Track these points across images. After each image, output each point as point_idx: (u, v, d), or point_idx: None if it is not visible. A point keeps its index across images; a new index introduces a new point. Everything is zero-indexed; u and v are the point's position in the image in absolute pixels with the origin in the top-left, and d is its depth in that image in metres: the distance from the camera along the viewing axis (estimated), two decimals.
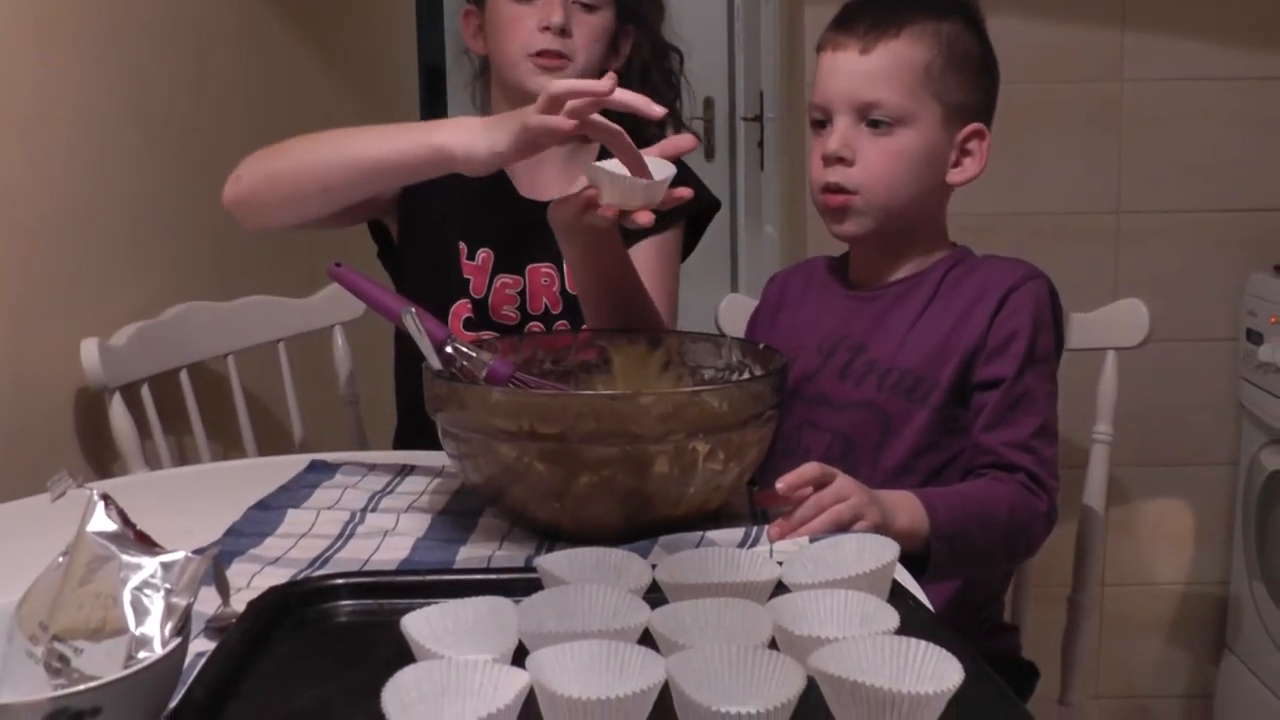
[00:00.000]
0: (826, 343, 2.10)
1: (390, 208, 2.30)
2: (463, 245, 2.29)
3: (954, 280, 2.06)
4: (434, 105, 5.26)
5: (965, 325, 2.00)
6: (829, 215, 2.08)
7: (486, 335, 2.22)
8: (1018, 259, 2.08)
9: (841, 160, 2.03)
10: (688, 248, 2.45)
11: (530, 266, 2.30)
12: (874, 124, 2.01)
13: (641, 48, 2.39)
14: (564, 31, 2.25)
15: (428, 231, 2.30)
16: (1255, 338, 3.12)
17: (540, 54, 2.25)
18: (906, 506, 1.79)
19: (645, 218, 1.81)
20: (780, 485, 1.69)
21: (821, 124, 2.07)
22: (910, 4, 2.05)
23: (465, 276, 2.28)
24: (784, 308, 2.24)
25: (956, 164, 2.07)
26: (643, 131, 2.37)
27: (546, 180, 2.34)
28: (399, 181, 2.12)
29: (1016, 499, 1.89)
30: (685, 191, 1.84)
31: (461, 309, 2.26)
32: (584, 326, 2.10)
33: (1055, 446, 1.97)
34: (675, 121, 2.42)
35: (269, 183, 2.03)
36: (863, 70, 2.01)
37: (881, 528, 1.67)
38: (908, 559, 1.66)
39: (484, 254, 2.28)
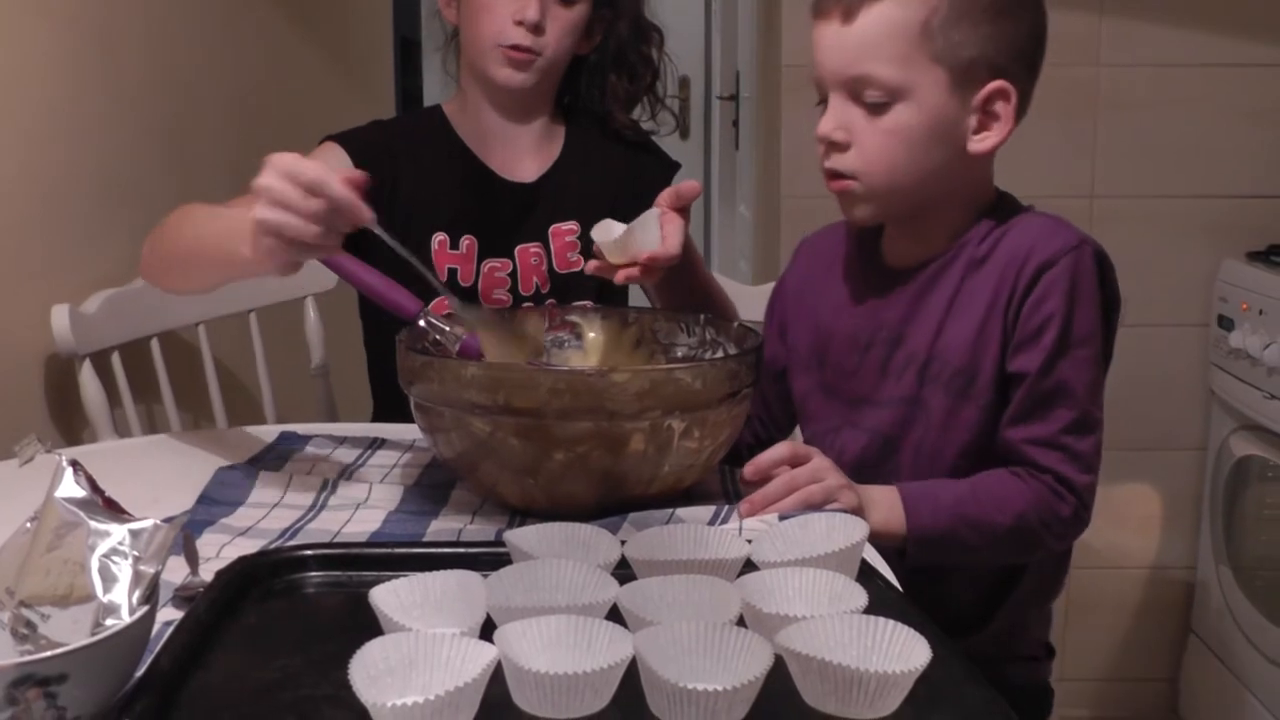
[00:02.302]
0: (862, 334, 1.93)
1: None
2: (443, 237, 2.24)
3: (986, 251, 1.86)
4: (408, 76, 5.25)
5: (998, 307, 1.82)
6: (838, 199, 1.89)
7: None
8: (1056, 221, 1.87)
9: (836, 144, 1.82)
10: None
11: (519, 247, 2.28)
12: (869, 102, 1.79)
13: (619, 30, 2.34)
14: (537, 28, 2.19)
15: (396, 229, 2.21)
16: (1226, 324, 3.13)
17: (511, 47, 2.20)
18: (885, 503, 1.75)
19: (622, 275, 1.88)
20: (747, 469, 1.68)
21: (824, 102, 1.86)
22: None
23: (450, 268, 2.24)
24: (813, 282, 2.07)
25: (979, 130, 1.82)
26: (609, 121, 2.36)
27: (521, 160, 2.33)
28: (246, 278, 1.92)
29: (1032, 502, 1.79)
30: (665, 251, 1.87)
31: (439, 307, 2.23)
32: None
33: (1093, 437, 1.83)
34: (653, 101, 2.41)
35: (163, 272, 1.98)
36: (847, 42, 1.78)
37: (855, 514, 1.62)
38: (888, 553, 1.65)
39: (467, 241, 2.25)
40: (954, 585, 1.91)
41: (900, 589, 1.40)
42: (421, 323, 1.75)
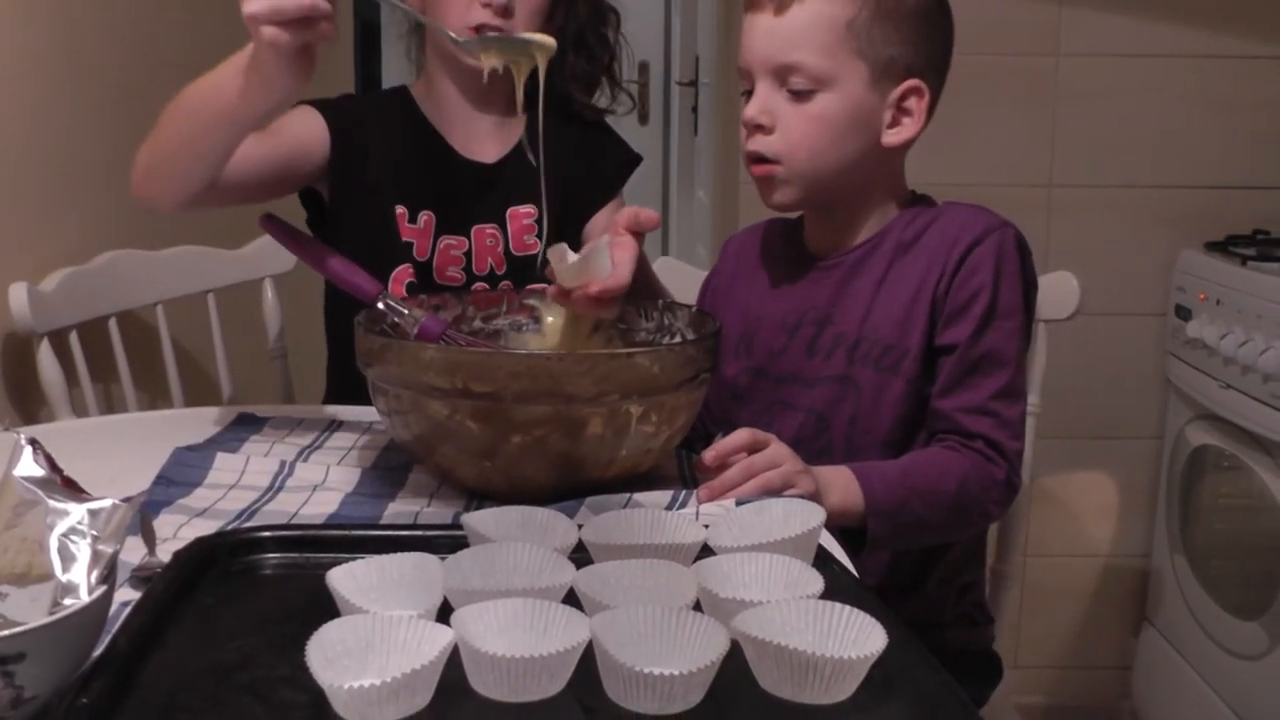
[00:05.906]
0: (790, 317, 2.02)
1: (321, 173, 2.24)
2: (403, 209, 2.25)
3: (913, 237, 1.97)
4: (368, 61, 5.24)
5: (927, 287, 1.92)
6: (758, 185, 1.99)
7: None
8: (979, 207, 2.00)
9: (761, 128, 1.95)
10: None
11: (475, 227, 2.28)
12: (794, 89, 1.91)
13: (578, 12, 2.34)
14: (505, 10, 2.18)
15: (364, 196, 2.25)
16: (1184, 314, 3.15)
17: (478, 29, 2.18)
18: (840, 483, 1.77)
19: (577, 297, 1.76)
20: (708, 455, 1.69)
21: (749, 91, 1.97)
22: None
23: (407, 240, 2.24)
24: (740, 276, 2.17)
25: (893, 124, 1.95)
26: (570, 102, 2.36)
27: (481, 141, 2.33)
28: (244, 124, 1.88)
29: (969, 469, 1.85)
30: (615, 281, 1.75)
31: (403, 274, 2.23)
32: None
33: (1020, 405, 1.92)
34: (610, 83, 2.42)
35: (164, 155, 1.91)
36: (778, 31, 1.91)
37: (813, 498, 1.64)
38: (846, 536, 1.67)
39: (425, 216, 2.25)
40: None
41: (856, 575, 1.41)
42: (380, 305, 1.75)
